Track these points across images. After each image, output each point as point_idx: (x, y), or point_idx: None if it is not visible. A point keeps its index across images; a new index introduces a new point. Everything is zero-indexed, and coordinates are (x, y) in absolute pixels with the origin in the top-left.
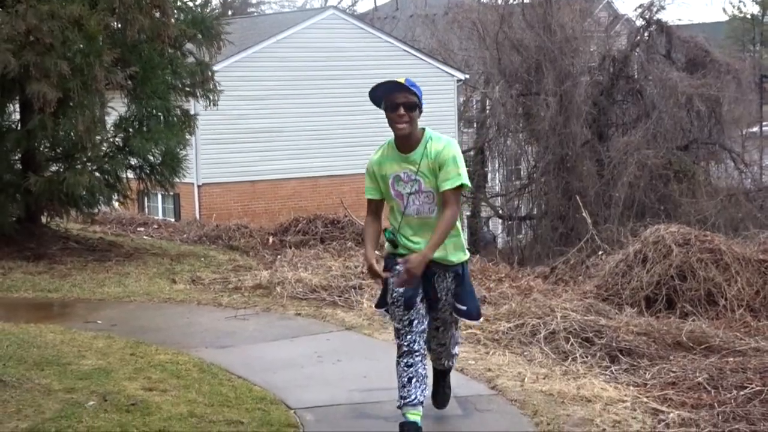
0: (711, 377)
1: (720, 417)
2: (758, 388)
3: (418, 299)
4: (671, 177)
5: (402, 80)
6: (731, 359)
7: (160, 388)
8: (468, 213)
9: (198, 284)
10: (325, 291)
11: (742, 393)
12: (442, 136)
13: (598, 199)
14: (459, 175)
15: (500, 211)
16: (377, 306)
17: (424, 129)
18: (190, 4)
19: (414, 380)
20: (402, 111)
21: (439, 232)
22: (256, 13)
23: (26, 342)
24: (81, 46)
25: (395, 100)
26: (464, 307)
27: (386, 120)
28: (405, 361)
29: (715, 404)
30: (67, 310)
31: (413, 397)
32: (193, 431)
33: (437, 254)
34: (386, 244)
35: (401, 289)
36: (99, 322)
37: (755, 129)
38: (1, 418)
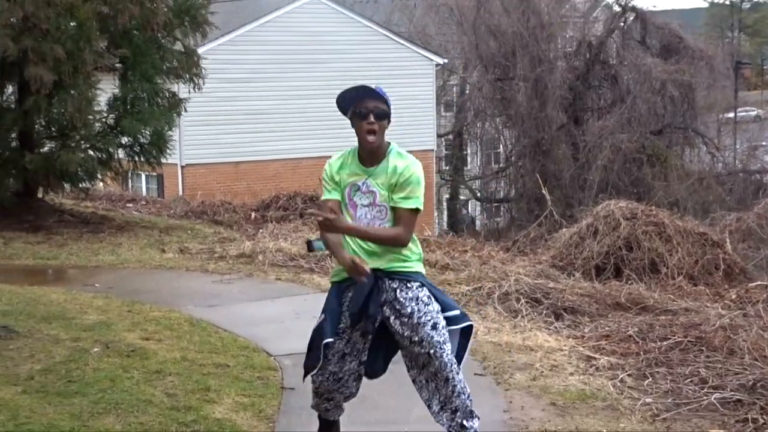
0: (641, 330)
1: (644, 362)
2: (680, 339)
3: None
4: (644, 161)
5: (373, 87)
6: (662, 317)
7: (155, 338)
8: (447, 196)
9: (186, 253)
10: (303, 259)
11: (665, 343)
12: (408, 154)
13: (573, 182)
14: (418, 198)
15: (478, 194)
16: (307, 370)
17: (389, 143)
18: None
19: None
20: (372, 119)
21: (379, 232)
22: None
23: (33, 300)
24: (73, 32)
25: (366, 106)
26: (456, 312)
27: (353, 129)
28: None
29: (641, 352)
30: (67, 276)
31: None
32: (186, 372)
33: (392, 264)
34: (333, 270)
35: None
36: (96, 285)
37: (731, 114)
38: (18, 362)
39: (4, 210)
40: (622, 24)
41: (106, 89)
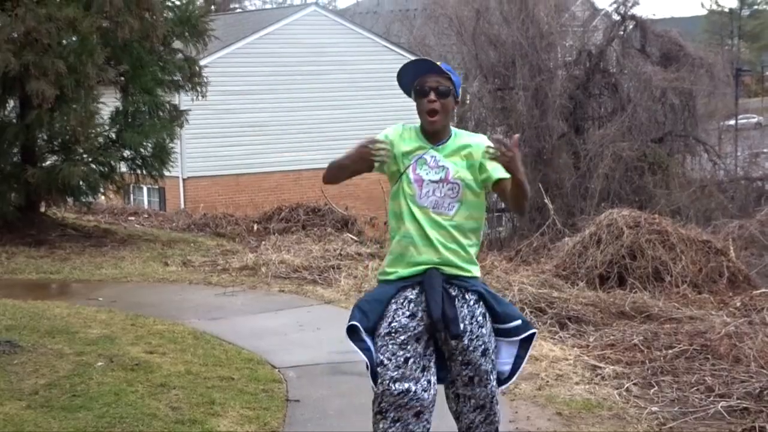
0: (646, 339)
1: (649, 371)
2: (685, 347)
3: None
4: (646, 169)
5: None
6: (667, 325)
7: (159, 352)
8: None
9: (189, 266)
10: (306, 271)
11: (671, 351)
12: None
13: (575, 190)
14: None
15: None
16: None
17: (449, 127)
18: (177, 2)
19: None
20: (433, 96)
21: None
22: (239, 10)
23: (37, 315)
24: (75, 46)
25: (426, 83)
26: (518, 322)
27: (416, 109)
28: None
29: (647, 361)
30: (70, 289)
31: None
32: (191, 385)
33: (450, 266)
34: (382, 269)
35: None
36: (100, 299)
37: (732, 122)
38: (22, 377)
39: (6, 224)
40: (621, 32)
41: (108, 102)
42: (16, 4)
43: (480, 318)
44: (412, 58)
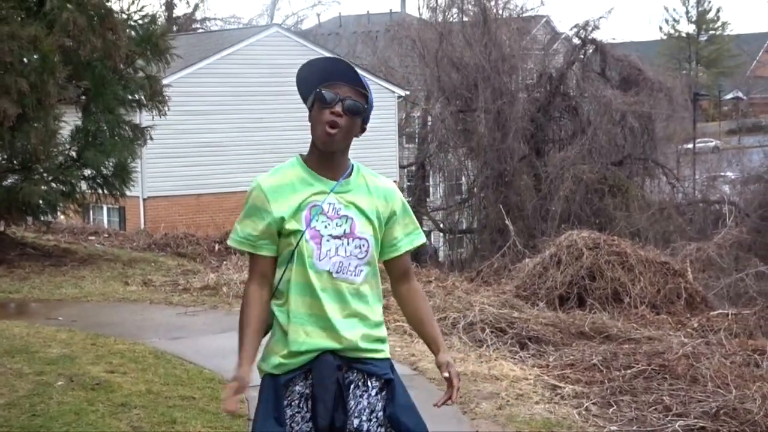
0: (605, 359)
1: (608, 391)
2: (644, 367)
3: None
4: (606, 191)
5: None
6: (626, 346)
7: (120, 371)
8: None
9: (150, 286)
10: None
11: (629, 371)
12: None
13: (536, 212)
14: (419, 228)
15: (441, 225)
16: None
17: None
18: (138, 20)
19: None
20: (339, 109)
21: (434, 321)
22: (201, 30)
23: None
24: (36, 64)
25: (334, 89)
26: None
27: (311, 122)
28: None
29: (606, 381)
30: (29, 309)
31: None
32: (152, 405)
33: (354, 349)
34: (270, 354)
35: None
36: (60, 318)
37: (690, 145)
38: None
39: None
40: (582, 56)
41: (69, 121)
42: None
43: (380, 415)
44: (372, 78)
